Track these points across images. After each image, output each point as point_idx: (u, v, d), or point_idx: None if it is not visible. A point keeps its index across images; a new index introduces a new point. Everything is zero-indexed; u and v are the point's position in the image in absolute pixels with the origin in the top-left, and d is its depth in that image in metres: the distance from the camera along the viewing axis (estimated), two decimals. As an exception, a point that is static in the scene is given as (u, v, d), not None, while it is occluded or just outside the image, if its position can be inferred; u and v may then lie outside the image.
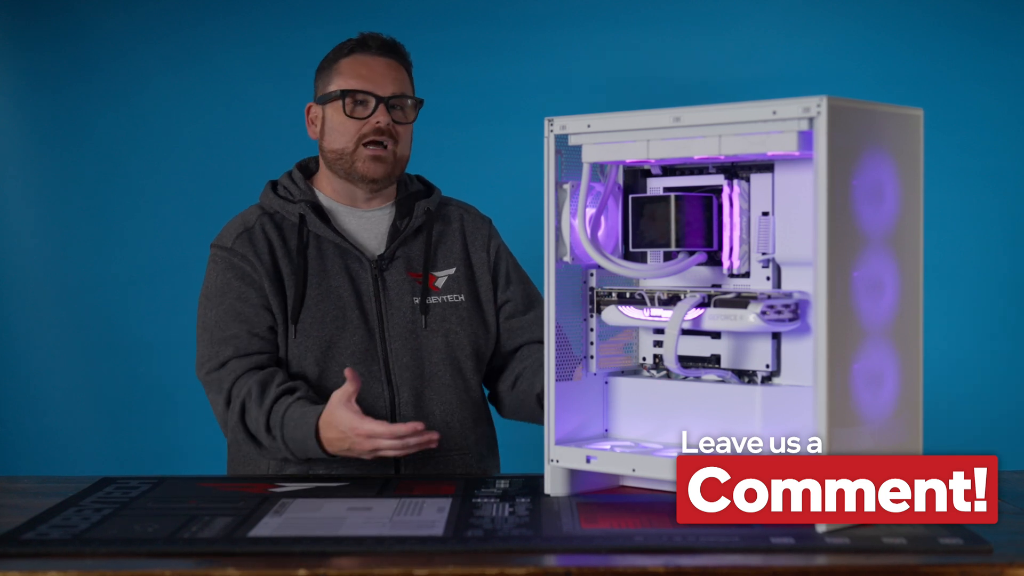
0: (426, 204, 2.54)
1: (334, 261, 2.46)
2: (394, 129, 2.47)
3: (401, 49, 2.54)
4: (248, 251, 2.44)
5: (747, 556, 1.71)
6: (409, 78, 2.54)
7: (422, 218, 2.53)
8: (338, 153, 2.47)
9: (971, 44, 4.01)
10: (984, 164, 4.01)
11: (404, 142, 2.50)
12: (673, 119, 1.95)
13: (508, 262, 2.60)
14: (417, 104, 2.51)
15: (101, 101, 4.19)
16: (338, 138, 2.47)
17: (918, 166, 1.96)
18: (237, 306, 2.42)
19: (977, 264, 4.02)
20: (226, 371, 2.39)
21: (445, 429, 2.45)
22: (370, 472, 2.38)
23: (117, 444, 4.13)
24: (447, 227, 2.57)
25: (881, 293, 1.90)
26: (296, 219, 2.47)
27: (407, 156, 2.53)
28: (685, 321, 2.03)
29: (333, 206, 2.52)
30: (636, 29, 4.12)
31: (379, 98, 2.45)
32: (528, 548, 1.75)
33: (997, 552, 1.71)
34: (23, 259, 4.19)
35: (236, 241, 2.46)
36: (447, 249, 2.55)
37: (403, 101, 2.49)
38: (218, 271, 2.46)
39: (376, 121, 2.45)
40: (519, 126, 3.38)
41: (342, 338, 2.43)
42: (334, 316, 2.44)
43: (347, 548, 1.75)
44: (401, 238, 2.50)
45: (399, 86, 2.49)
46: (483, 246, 2.58)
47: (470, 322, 2.52)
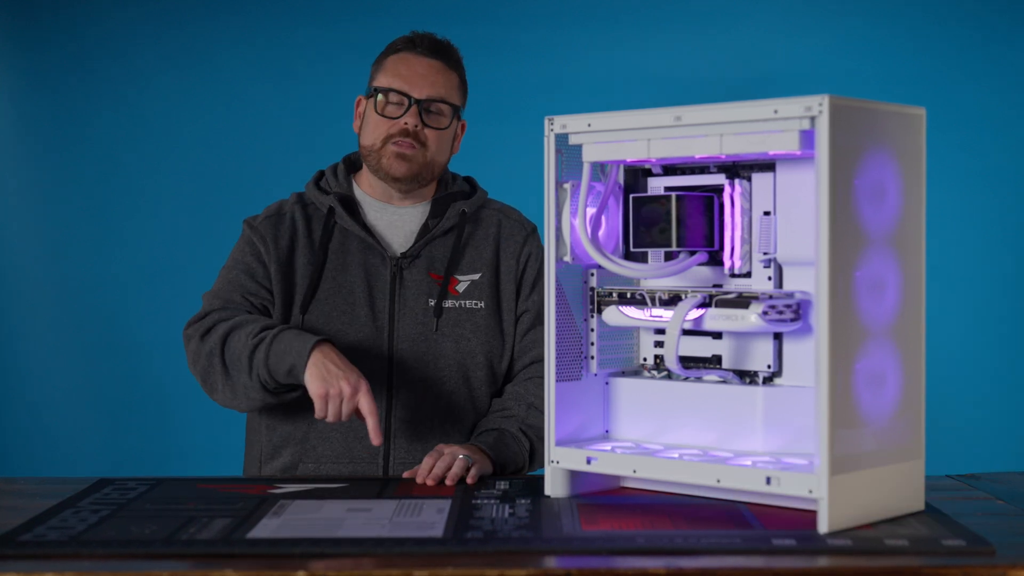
0: (462, 205, 2.49)
1: (355, 256, 2.45)
2: (423, 133, 2.43)
3: (453, 53, 2.49)
4: (269, 234, 2.46)
5: (749, 558, 1.70)
6: (457, 83, 2.48)
7: (455, 219, 2.49)
8: (367, 149, 2.46)
9: (973, 43, 4.00)
10: (986, 163, 4.00)
11: (436, 147, 2.45)
12: (674, 118, 1.95)
13: (536, 271, 2.51)
14: (456, 111, 2.47)
15: (100, 100, 4.19)
16: (369, 134, 2.46)
17: (920, 165, 1.96)
18: (242, 279, 2.44)
19: (979, 264, 4.02)
20: (208, 318, 2.39)
21: (443, 436, 2.42)
22: (366, 473, 2.37)
23: (115, 445, 4.13)
24: (481, 231, 2.51)
25: (883, 293, 1.89)
26: (326, 210, 2.46)
27: (441, 162, 2.48)
28: (686, 321, 2.02)
29: (367, 200, 2.50)
30: (636, 28, 4.12)
31: (412, 99, 2.43)
32: (528, 549, 1.74)
33: (1000, 554, 1.70)
34: (21, 259, 4.19)
35: (264, 222, 2.49)
36: (476, 254, 2.50)
37: (439, 105, 2.45)
38: (239, 245, 2.50)
39: (404, 123, 2.42)
40: (519, 125, 3.38)
41: (347, 334, 2.42)
42: (342, 311, 2.43)
43: (346, 549, 1.74)
44: (428, 237, 2.47)
45: (437, 89, 2.44)
46: (514, 254, 2.51)
47: (486, 331, 2.46)
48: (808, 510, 1.89)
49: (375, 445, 2.24)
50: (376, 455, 2.40)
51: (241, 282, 2.44)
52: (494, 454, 2.30)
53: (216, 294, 2.44)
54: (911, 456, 1.94)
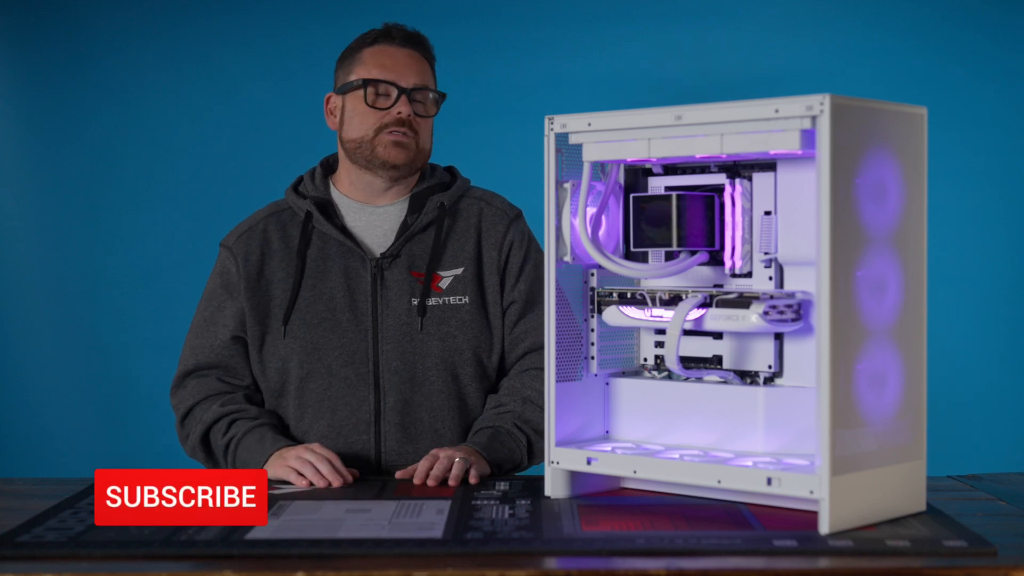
0: (439, 199, 2.47)
1: (334, 260, 2.44)
2: (415, 121, 2.43)
3: (425, 42, 2.50)
4: (240, 252, 2.46)
5: (750, 559, 1.70)
6: (432, 71, 2.49)
7: (433, 213, 2.46)
8: (357, 142, 2.44)
9: (975, 42, 4.00)
10: (988, 163, 4.00)
11: (425, 135, 2.46)
12: (675, 117, 1.94)
13: (521, 258, 2.48)
14: (439, 98, 2.48)
15: (96, 99, 4.19)
16: (358, 127, 2.44)
17: (922, 165, 1.95)
18: (215, 315, 2.47)
19: (981, 263, 4.01)
20: (186, 391, 2.45)
21: (434, 436, 2.41)
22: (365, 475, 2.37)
23: (113, 446, 4.13)
24: (462, 223, 2.48)
25: (884, 293, 1.88)
26: (304, 216, 2.46)
27: (429, 149, 2.49)
28: (687, 321, 2.01)
29: (345, 203, 2.49)
30: (637, 27, 4.11)
31: (401, 89, 2.42)
32: (528, 551, 1.74)
33: (1001, 555, 1.70)
34: (17, 258, 4.19)
35: (236, 241, 2.48)
36: (458, 247, 2.46)
37: (425, 94, 2.45)
38: (214, 273, 2.50)
39: (398, 112, 2.41)
40: (519, 124, 3.37)
41: (329, 340, 2.41)
42: (323, 318, 2.41)
43: (345, 550, 1.74)
44: (407, 235, 2.45)
45: (421, 78, 2.45)
46: (495, 244, 2.47)
47: (472, 326, 2.44)
48: (809, 511, 1.88)
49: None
50: (368, 456, 2.39)
51: (214, 319, 2.46)
52: (488, 454, 2.30)
53: (193, 349, 2.47)
54: (912, 457, 1.93)
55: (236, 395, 2.43)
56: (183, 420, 2.45)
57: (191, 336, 2.49)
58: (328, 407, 2.40)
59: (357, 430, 2.39)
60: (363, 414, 2.40)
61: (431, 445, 2.37)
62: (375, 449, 2.39)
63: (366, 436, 2.39)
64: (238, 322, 2.44)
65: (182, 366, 2.47)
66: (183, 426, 2.45)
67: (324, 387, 2.40)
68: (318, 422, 2.40)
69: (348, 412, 2.39)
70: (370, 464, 2.39)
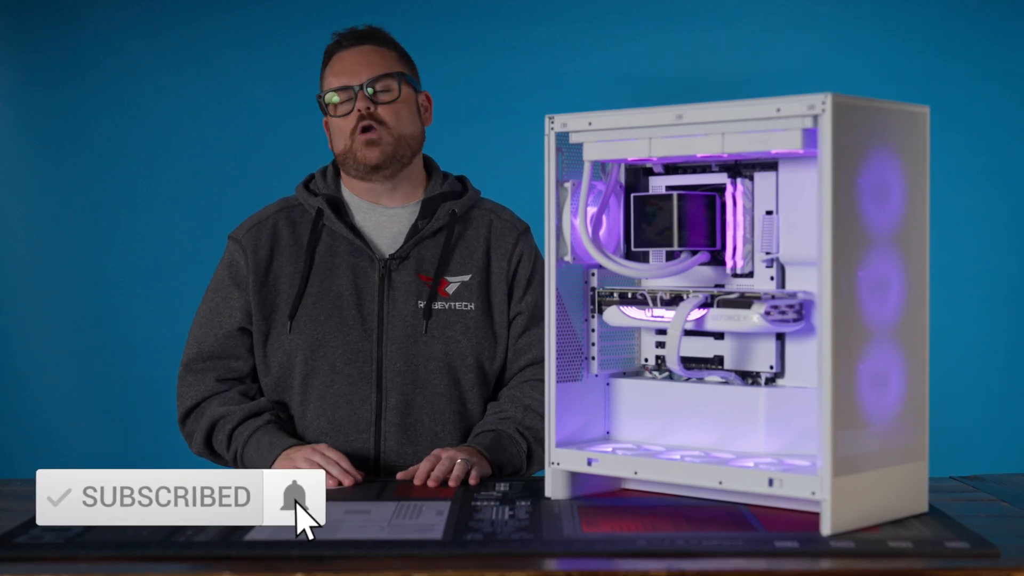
0: (452, 206, 2.47)
1: (343, 258, 2.44)
2: (378, 112, 2.42)
3: (378, 32, 2.49)
4: (250, 246, 2.46)
5: (751, 560, 1.69)
6: (394, 57, 2.47)
7: (444, 219, 2.46)
8: (342, 156, 2.45)
9: (978, 41, 3.99)
10: (991, 162, 3.99)
11: (398, 120, 2.43)
12: (676, 117, 1.93)
13: (529, 271, 2.48)
14: (401, 78, 2.45)
15: (96, 99, 4.18)
16: (337, 141, 2.46)
17: (924, 164, 1.95)
18: (221, 306, 2.46)
19: (983, 263, 4.01)
20: (186, 388, 2.45)
21: (434, 438, 2.41)
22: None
23: (112, 446, 4.12)
24: (472, 232, 2.49)
25: (886, 293, 1.88)
26: (314, 213, 2.46)
27: (410, 134, 2.46)
28: (688, 322, 2.01)
29: (356, 202, 2.49)
30: (638, 26, 4.11)
31: (355, 88, 2.42)
32: (528, 552, 1.73)
33: (1004, 556, 1.70)
34: (17, 258, 4.18)
35: (246, 234, 2.48)
36: (467, 254, 2.47)
37: (384, 82, 2.44)
38: (222, 265, 2.50)
39: (357, 110, 2.42)
40: (519, 123, 3.37)
41: (334, 337, 2.41)
42: (329, 315, 2.41)
43: (345, 552, 1.73)
44: (417, 238, 2.45)
45: (374, 69, 2.43)
46: (505, 255, 2.48)
47: (476, 332, 2.44)
48: (811, 512, 1.87)
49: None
50: (367, 455, 2.39)
51: (220, 309, 2.45)
52: (491, 455, 2.29)
53: (197, 338, 2.47)
54: (914, 457, 1.93)
55: (231, 393, 2.42)
56: (183, 420, 2.45)
57: (195, 326, 2.48)
58: (330, 404, 2.40)
59: (357, 428, 2.39)
60: (364, 413, 2.40)
61: (430, 447, 2.37)
62: (374, 449, 2.39)
63: (366, 435, 2.39)
64: (244, 314, 2.44)
65: (185, 356, 2.47)
66: (184, 426, 2.45)
67: (327, 384, 2.40)
68: (319, 419, 2.40)
69: (349, 410, 2.39)
70: (369, 463, 2.39)
